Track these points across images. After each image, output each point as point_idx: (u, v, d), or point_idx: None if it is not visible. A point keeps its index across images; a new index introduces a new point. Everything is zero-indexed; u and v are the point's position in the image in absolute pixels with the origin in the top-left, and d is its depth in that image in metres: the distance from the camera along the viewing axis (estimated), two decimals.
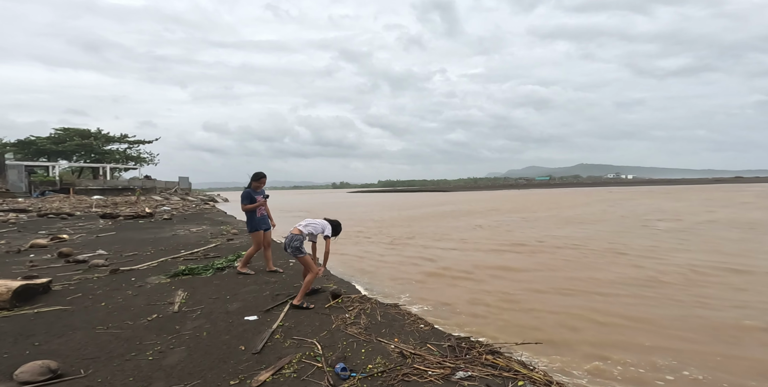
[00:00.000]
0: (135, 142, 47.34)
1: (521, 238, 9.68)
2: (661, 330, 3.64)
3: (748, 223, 11.35)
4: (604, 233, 10.24)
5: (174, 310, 3.64)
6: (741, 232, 9.75)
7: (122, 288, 4.47)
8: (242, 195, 4.85)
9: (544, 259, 7.05)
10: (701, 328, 3.66)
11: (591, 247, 8.15)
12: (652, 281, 5.34)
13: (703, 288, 4.98)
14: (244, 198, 4.81)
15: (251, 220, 4.87)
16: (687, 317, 3.96)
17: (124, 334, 3.04)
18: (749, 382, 2.71)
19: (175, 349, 2.75)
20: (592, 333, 3.62)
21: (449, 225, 13.77)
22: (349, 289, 4.28)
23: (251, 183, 4.84)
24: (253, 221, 4.87)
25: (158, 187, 40.37)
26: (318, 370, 2.42)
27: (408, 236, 10.73)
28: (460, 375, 2.40)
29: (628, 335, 3.55)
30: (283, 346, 2.78)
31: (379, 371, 2.41)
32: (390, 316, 3.37)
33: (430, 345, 2.83)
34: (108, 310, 3.64)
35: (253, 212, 4.85)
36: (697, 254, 7.06)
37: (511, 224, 13.30)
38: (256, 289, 4.28)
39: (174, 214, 16.58)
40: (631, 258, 6.93)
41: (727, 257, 6.73)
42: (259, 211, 4.91)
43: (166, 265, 5.74)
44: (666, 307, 4.30)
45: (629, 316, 4.01)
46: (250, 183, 4.85)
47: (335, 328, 3.10)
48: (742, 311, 4.08)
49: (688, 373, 2.84)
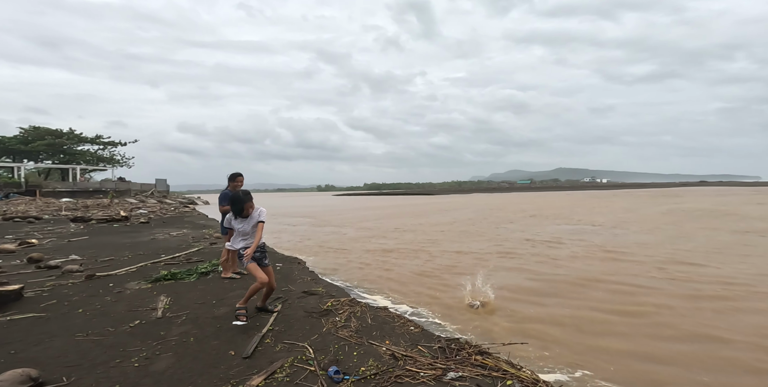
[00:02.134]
0: (109, 144, 45.53)
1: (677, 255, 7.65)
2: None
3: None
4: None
5: (158, 316, 3.54)
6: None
7: (100, 294, 4.30)
8: (220, 196, 4.80)
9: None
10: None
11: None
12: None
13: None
14: (222, 199, 4.76)
15: (224, 223, 4.81)
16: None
17: (105, 341, 2.93)
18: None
19: (162, 356, 2.68)
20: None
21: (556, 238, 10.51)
22: (338, 293, 4.28)
23: (228, 183, 4.81)
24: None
25: (133, 190, 38.85)
26: (311, 374, 2.42)
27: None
28: (451, 376, 2.46)
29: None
30: (275, 351, 2.76)
31: (372, 374, 2.43)
32: (380, 318, 3.40)
33: (421, 347, 2.88)
34: (86, 317, 3.50)
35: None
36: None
37: (611, 234, 11.17)
38: (243, 293, 4.20)
39: (152, 218, 16.00)
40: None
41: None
42: None
43: (146, 270, 5.55)
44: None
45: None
46: (228, 184, 4.82)
47: (326, 332, 3.10)
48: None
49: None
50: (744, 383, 2.91)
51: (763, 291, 5.09)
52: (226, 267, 4.97)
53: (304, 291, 4.21)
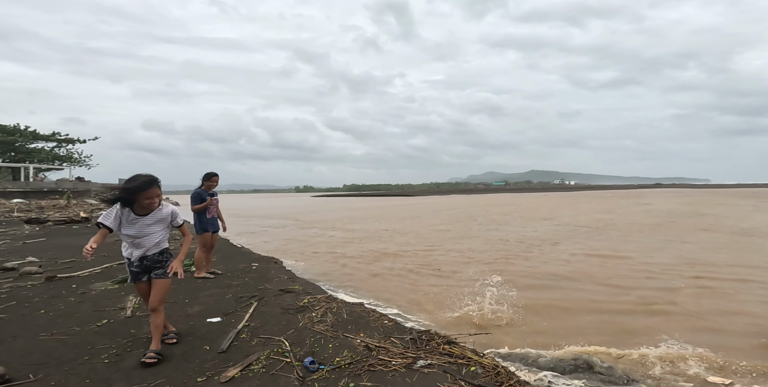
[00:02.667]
0: (66, 141, 42.73)
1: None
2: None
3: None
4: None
5: (127, 315, 3.47)
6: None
7: (62, 295, 4.13)
8: (192, 195, 4.76)
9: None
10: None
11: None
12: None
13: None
14: (195, 198, 4.72)
15: (200, 221, 4.78)
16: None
17: (72, 340, 2.86)
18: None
19: (133, 352, 2.66)
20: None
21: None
22: (315, 290, 4.34)
23: (203, 183, 4.78)
24: (202, 222, 4.78)
25: (93, 190, 36.62)
26: (287, 365, 2.50)
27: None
28: (420, 363, 2.61)
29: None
30: (250, 345, 2.80)
31: (347, 363, 2.54)
32: (356, 313, 3.51)
33: (394, 338, 3.02)
34: (50, 318, 3.37)
35: (203, 213, 4.77)
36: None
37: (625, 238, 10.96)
38: (217, 292, 4.19)
39: None
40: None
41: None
42: (210, 211, 4.83)
43: (112, 271, 5.36)
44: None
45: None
46: (202, 183, 4.79)
47: (302, 327, 3.17)
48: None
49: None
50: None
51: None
52: (200, 266, 4.90)
53: (281, 289, 4.24)
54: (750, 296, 5.25)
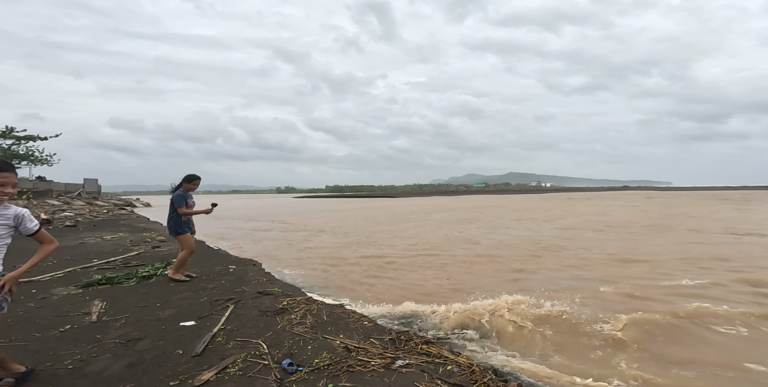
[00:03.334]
0: (25, 138, 40.09)
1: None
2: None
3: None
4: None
5: (92, 320, 3.30)
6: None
7: (21, 301, 3.87)
8: (177, 197, 4.56)
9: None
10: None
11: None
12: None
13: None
14: (181, 200, 4.55)
15: (180, 223, 4.61)
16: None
17: (31, 346, 2.70)
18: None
19: (99, 357, 2.54)
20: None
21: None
22: (294, 292, 4.28)
23: (182, 185, 4.61)
24: (183, 224, 4.62)
25: (56, 190, 34.50)
26: (264, 367, 2.45)
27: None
28: (399, 363, 2.63)
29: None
30: (226, 348, 2.73)
31: (326, 364, 2.53)
32: (335, 315, 3.49)
33: (373, 339, 3.02)
34: (7, 324, 3.15)
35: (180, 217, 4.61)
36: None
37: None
38: (191, 295, 4.05)
39: (79, 221, 14.39)
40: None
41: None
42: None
43: (76, 276, 5.07)
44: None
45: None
46: (181, 184, 4.62)
47: (281, 329, 3.12)
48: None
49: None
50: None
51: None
52: (179, 268, 4.71)
53: (259, 291, 4.16)
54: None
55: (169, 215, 4.63)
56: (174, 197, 4.59)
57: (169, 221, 4.64)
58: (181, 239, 4.63)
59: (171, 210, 4.61)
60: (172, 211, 4.60)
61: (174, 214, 4.58)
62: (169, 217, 4.62)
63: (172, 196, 4.61)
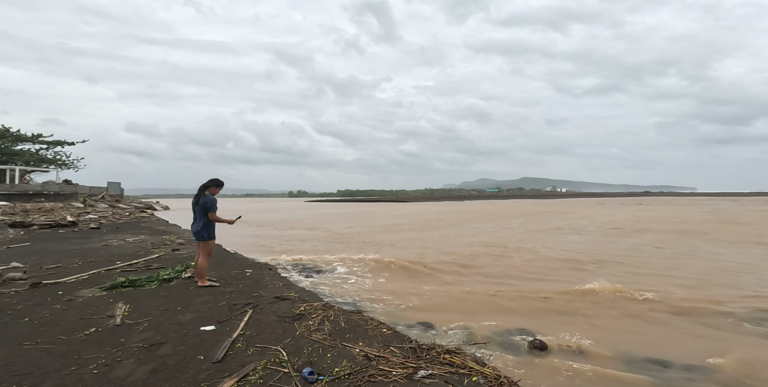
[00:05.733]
0: (53, 143, 41.92)
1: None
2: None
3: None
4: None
5: (116, 323, 3.35)
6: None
7: (48, 302, 3.97)
8: (212, 201, 4.52)
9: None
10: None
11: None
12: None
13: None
14: (215, 204, 4.55)
15: (210, 228, 4.63)
16: None
17: (57, 349, 2.74)
18: None
19: (123, 362, 2.55)
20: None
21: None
22: (311, 298, 4.26)
23: (212, 188, 4.64)
24: (212, 229, 4.65)
25: (81, 193, 35.85)
26: (285, 376, 2.42)
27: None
28: (421, 374, 2.56)
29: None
30: (246, 354, 2.72)
31: (346, 374, 2.48)
32: (353, 322, 3.44)
33: (393, 347, 2.96)
34: (33, 326, 3.23)
35: (211, 221, 4.64)
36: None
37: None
38: (210, 299, 4.08)
39: (103, 223, 14.85)
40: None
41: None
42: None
43: (100, 278, 5.19)
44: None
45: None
46: (208, 188, 4.64)
47: (299, 335, 3.09)
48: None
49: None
50: None
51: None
52: (203, 275, 4.67)
53: (276, 296, 4.15)
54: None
55: (197, 219, 4.57)
56: (209, 201, 4.51)
57: (198, 226, 4.55)
58: (209, 244, 4.62)
59: (201, 214, 4.53)
60: (201, 215, 4.53)
61: (205, 218, 4.53)
62: (197, 220, 4.58)
63: (205, 199, 4.51)
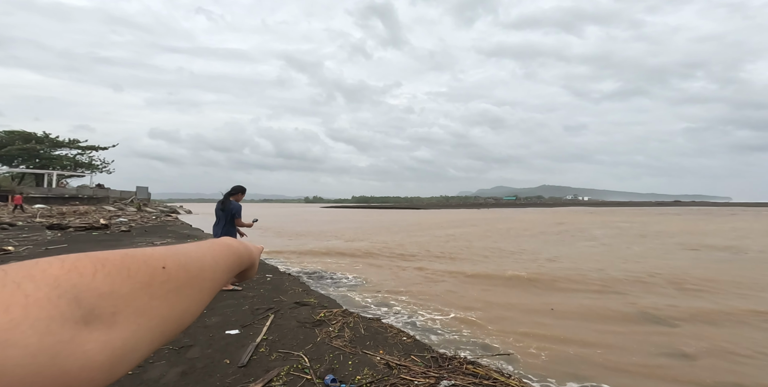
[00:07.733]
0: (88, 148, 44.32)
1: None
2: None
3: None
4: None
5: None
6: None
7: None
8: (238, 208, 4.60)
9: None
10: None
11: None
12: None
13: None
14: (239, 211, 4.63)
15: (236, 234, 4.75)
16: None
17: None
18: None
19: (156, 364, 2.66)
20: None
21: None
22: (330, 304, 4.31)
23: (237, 195, 4.76)
24: (235, 233, 4.78)
25: (112, 197, 37.64)
26: (307, 382, 2.46)
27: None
28: (444, 384, 2.53)
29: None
30: (270, 359, 2.78)
31: (368, 382, 2.49)
32: (373, 329, 3.46)
33: (414, 356, 2.95)
34: None
35: (234, 226, 4.76)
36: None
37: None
38: (233, 303, 4.20)
39: (133, 226, 15.54)
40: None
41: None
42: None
43: None
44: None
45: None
46: (233, 195, 4.76)
47: (320, 341, 3.13)
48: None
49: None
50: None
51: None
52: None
53: (296, 302, 4.23)
54: None
55: (221, 225, 4.60)
56: (235, 208, 4.57)
57: (221, 230, 4.59)
58: None
59: (225, 220, 4.57)
60: (225, 222, 4.58)
61: (229, 224, 4.61)
62: (220, 227, 4.61)
63: (230, 205, 4.57)
